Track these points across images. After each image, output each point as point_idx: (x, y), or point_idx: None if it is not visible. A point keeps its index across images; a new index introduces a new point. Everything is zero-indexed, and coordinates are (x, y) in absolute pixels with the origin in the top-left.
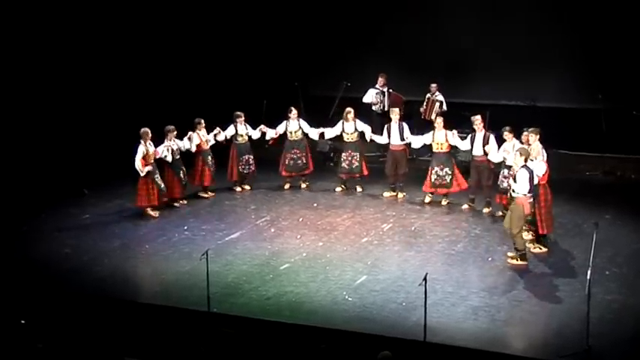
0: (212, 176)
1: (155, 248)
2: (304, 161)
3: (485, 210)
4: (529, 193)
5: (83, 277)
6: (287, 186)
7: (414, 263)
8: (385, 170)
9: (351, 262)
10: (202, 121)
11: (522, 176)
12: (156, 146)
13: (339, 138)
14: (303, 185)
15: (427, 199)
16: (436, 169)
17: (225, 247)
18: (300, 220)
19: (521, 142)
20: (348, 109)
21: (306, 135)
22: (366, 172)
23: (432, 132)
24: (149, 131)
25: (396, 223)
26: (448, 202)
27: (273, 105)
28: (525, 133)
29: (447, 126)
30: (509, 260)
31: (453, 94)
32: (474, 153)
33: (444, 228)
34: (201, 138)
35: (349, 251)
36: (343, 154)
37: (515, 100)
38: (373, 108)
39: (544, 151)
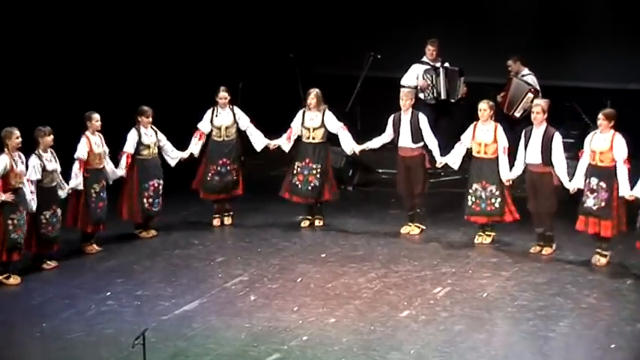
0: (99, 216)
1: (57, 328)
2: (234, 177)
3: (544, 251)
4: None
5: None
6: (217, 222)
7: (486, 353)
8: (397, 188)
9: (383, 350)
10: (97, 117)
11: None
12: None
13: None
14: (227, 220)
15: (477, 238)
16: (475, 186)
17: (174, 325)
18: (299, 280)
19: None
20: (313, 90)
21: (241, 133)
22: (327, 196)
23: (472, 126)
24: (15, 132)
25: (456, 286)
26: (493, 239)
27: (253, 89)
28: None
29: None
30: None
31: (547, 73)
32: (529, 160)
33: (537, 294)
34: (91, 146)
35: (379, 333)
36: (297, 163)
37: (636, 82)
38: (420, 95)
39: None
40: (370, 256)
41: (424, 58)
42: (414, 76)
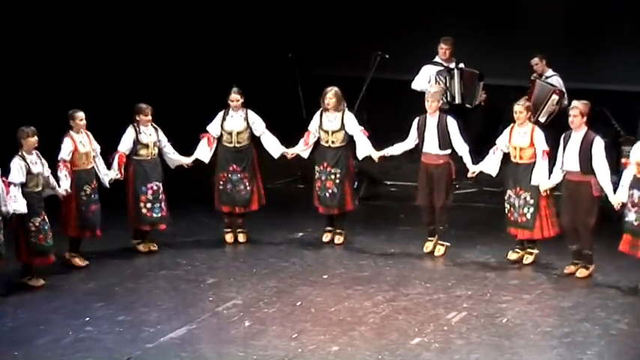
0: (91, 221)
1: (31, 356)
2: (247, 187)
3: (580, 272)
4: None
5: None
6: (229, 237)
7: None
8: (417, 199)
9: None
10: (81, 115)
11: None
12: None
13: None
14: (241, 237)
15: (511, 255)
16: (509, 192)
17: (160, 354)
18: (299, 304)
19: None
20: (331, 88)
21: (255, 138)
22: (350, 207)
23: (508, 128)
24: None
25: (472, 311)
26: (534, 258)
27: (248, 91)
28: None
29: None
30: None
31: (574, 74)
32: (566, 167)
33: (562, 319)
34: (76, 145)
35: None
36: (315, 167)
37: None
38: None
39: None
40: (377, 278)
41: (437, 59)
42: (425, 78)
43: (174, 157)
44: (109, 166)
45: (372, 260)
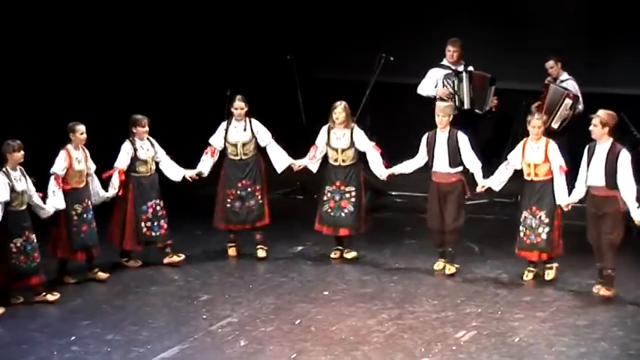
0: (84, 241)
1: None
2: (259, 200)
3: (602, 292)
4: None
5: None
6: (232, 251)
7: None
8: (427, 218)
9: None
10: (82, 128)
11: None
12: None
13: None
14: (261, 253)
15: (527, 275)
16: (525, 214)
17: None
18: (298, 322)
19: None
20: (339, 103)
21: (260, 149)
22: (363, 227)
23: (521, 144)
24: None
25: (482, 330)
26: (555, 272)
27: (245, 96)
28: None
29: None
30: None
31: (590, 78)
32: (591, 181)
33: (578, 338)
34: (72, 161)
35: None
36: (327, 187)
37: None
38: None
39: None
40: (381, 294)
41: (444, 61)
42: (432, 82)
43: (173, 171)
44: (103, 185)
45: (375, 276)
